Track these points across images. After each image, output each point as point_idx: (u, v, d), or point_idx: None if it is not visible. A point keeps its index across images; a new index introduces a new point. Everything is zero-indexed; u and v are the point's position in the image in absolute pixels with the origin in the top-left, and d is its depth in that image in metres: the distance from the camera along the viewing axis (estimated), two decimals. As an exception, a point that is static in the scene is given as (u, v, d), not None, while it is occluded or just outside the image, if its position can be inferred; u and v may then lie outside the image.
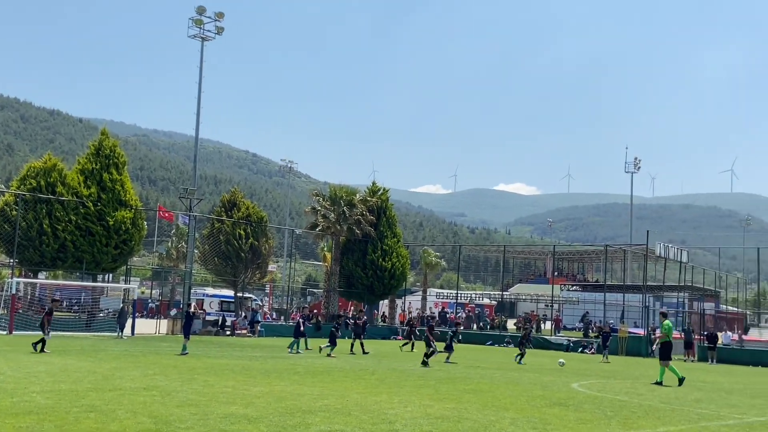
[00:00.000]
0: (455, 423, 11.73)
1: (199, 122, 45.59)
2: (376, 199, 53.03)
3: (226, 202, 47.50)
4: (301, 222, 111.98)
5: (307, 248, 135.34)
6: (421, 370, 22.58)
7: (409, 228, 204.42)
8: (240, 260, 45.29)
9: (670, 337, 21.87)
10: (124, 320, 34.58)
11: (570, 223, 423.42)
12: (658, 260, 57.51)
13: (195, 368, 19.43)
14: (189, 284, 42.82)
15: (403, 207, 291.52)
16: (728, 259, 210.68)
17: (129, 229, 39.89)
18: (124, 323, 34.48)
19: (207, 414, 11.37)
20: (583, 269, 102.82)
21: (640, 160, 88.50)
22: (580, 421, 12.82)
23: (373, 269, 51.32)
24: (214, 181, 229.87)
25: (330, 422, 11.12)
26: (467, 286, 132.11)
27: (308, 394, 14.71)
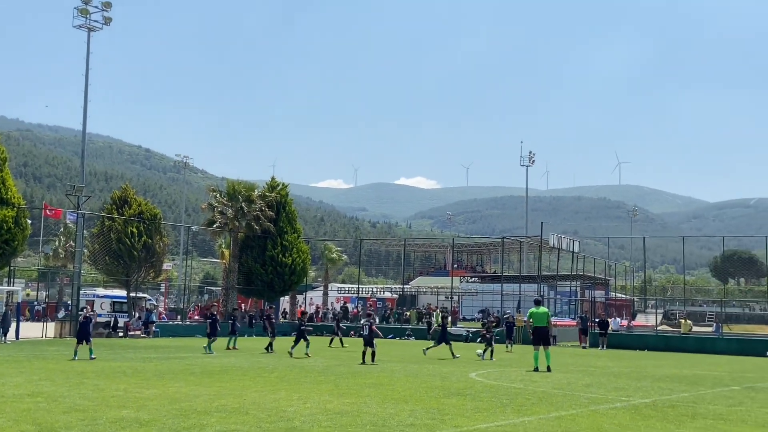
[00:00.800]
0: (354, 417, 11.71)
1: (87, 116, 43.92)
2: (275, 195, 52.41)
3: (117, 198, 45.81)
4: (197, 219, 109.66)
5: (204, 245, 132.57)
6: (321, 366, 22.48)
7: (310, 223, 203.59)
8: (132, 259, 43.80)
9: (538, 323, 22.34)
10: (8, 324, 32.88)
11: (469, 216, 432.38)
12: (552, 251, 59.52)
13: (84, 372, 18.65)
14: (78, 285, 41.13)
15: (303, 202, 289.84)
16: (617, 248, 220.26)
17: (11, 229, 37.86)
18: (8, 327, 32.79)
19: (96, 419, 10.91)
20: (481, 261, 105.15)
21: (534, 153, 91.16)
22: (477, 409, 13.05)
23: (273, 265, 50.73)
24: (104, 177, 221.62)
25: (226, 422, 10.88)
26: (369, 280, 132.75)
27: (204, 394, 14.36)
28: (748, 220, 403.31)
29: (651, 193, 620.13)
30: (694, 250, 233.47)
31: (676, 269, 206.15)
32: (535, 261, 77.59)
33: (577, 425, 11.53)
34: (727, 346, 40.55)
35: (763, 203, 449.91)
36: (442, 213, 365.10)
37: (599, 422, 11.95)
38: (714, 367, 28.33)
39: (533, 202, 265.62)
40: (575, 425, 11.53)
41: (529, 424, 11.48)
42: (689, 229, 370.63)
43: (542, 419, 12.12)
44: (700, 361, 31.76)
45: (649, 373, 23.78)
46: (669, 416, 12.99)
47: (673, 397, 16.41)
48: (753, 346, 40.25)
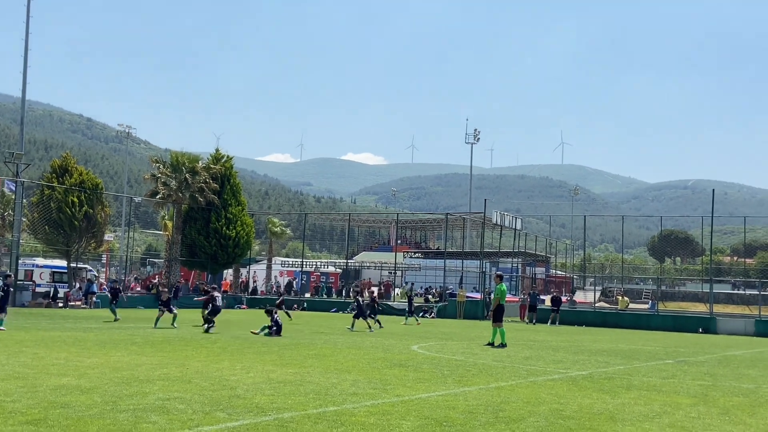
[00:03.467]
0: (297, 386, 11.83)
1: (26, 82, 42.59)
2: (219, 167, 51.84)
3: (57, 167, 44.74)
4: (140, 190, 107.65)
5: (147, 217, 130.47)
6: (264, 338, 22.52)
7: (254, 197, 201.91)
8: (73, 229, 42.94)
9: (503, 300, 22.58)
10: None
11: (413, 192, 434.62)
12: (495, 228, 60.35)
13: (23, 341, 18.34)
14: (16, 254, 40.17)
15: (248, 176, 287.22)
16: (558, 226, 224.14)
17: (-54, 196, 36.81)
18: None
19: (36, 386, 10.79)
20: (425, 237, 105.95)
21: (479, 131, 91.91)
22: (419, 380, 13.31)
23: (216, 238, 50.33)
24: (44, 146, 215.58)
25: (168, 390, 10.89)
26: (313, 254, 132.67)
27: (146, 363, 14.30)
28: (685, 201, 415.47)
29: (593, 173, 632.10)
30: (633, 229, 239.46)
31: (615, 248, 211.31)
32: (478, 238, 78.56)
33: (516, 395, 11.88)
34: (662, 322, 41.93)
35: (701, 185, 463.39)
36: (387, 189, 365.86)
37: (537, 392, 12.33)
38: (649, 342, 29.32)
39: (477, 180, 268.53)
40: (514, 395, 11.87)
41: (469, 394, 11.79)
42: (629, 209, 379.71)
43: (482, 389, 12.45)
44: (636, 337, 32.85)
45: (586, 347, 24.50)
46: (605, 387, 13.46)
47: (609, 369, 16.99)
48: (687, 322, 41.73)
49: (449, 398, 11.25)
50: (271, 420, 8.88)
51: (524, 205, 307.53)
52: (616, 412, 10.65)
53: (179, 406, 9.53)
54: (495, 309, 22.50)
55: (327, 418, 9.15)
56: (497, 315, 22.32)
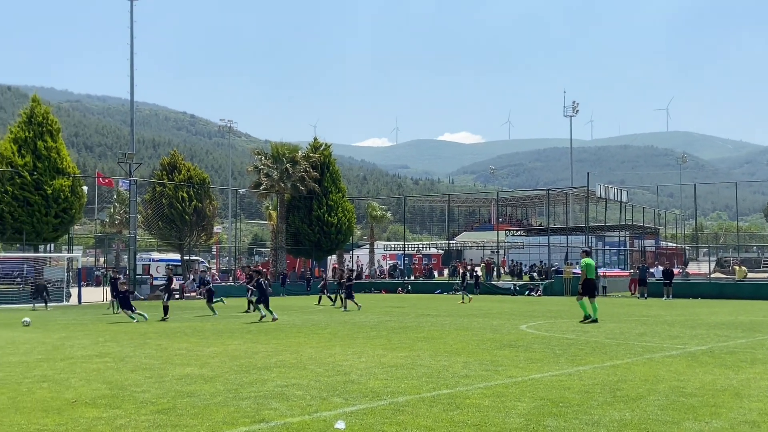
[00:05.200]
0: (409, 370, 11.96)
1: (134, 85, 44.46)
2: (318, 155, 52.73)
3: (167, 165, 46.68)
4: (243, 182, 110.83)
5: (251, 208, 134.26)
6: (373, 322, 22.83)
7: (353, 182, 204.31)
8: (184, 223, 44.76)
9: (591, 274, 22.54)
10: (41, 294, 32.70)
11: (512, 169, 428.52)
12: (599, 201, 58.91)
13: (147, 333, 19.30)
14: (134, 250, 42.19)
15: (345, 162, 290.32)
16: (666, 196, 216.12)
17: (68, 198, 38.97)
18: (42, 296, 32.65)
19: (162, 376, 11.35)
20: (527, 214, 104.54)
21: (578, 103, 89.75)
22: (530, 360, 13.20)
23: (319, 225, 51.30)
24: (152, 144, 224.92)
25: (286, 377, 11.22)
26: (413, 237, 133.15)
27: (262, 351, 14.78)
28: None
29: (701, 138, 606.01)
30: (747, 195, 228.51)
31: (728, 216, 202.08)
32: (581, 212, 76.86)
33: (633, 373, 11.60)
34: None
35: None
36: (485, 167, 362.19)
37: (655, 370, 12.00)
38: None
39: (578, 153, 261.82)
40: (631, 373, 11.60)
41: (584, 373, 11.60)
42: (741, 174, 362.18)
43: (597, 368, 12.22)
44: (756, 308, 31.35)
45: (704, 320, 23.62)
46: (727, 362, 12.96)
47: (730, 343, 16.33)
48: (811, 290, 39.43)
49: (563, 378, 11.11)
50: (387, 404, 9.02)
51: (629, 176, 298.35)
52: (741, 388, 10.25)
53: (297, 393, 9.81)
54: (583, 283, 22.42)
55: (441, 401, 9.22)
56: (588, 290, 22.28)
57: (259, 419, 8.17)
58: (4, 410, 8.77)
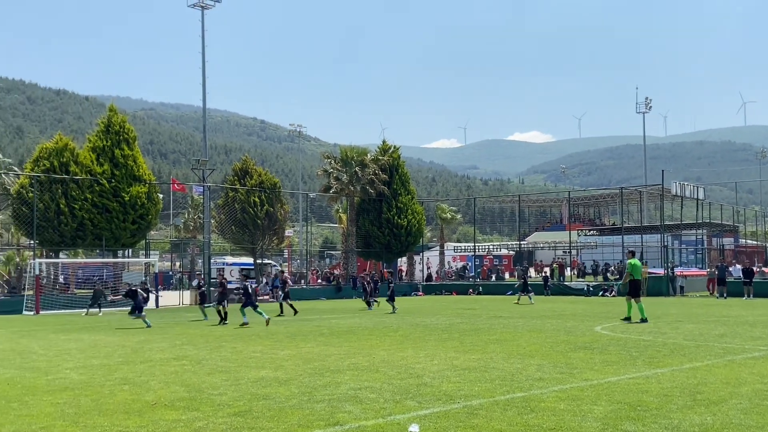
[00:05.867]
0: (482, 372, 11.87)
1: (206, 92, 45.49)
2: (387, 158, 52.93)
3: (239, 170, 47.60)
4: (313, 185, 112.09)
5: (321, 211, 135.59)
6: (444, 324, 22.75)
7: (422, 184, 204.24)
8: (257, 227, 45.55)
9: (637, 275, 22.56)
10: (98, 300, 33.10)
11: (583, 168, 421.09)
12: (675, 199, 57.33)
13: (222, 336, 19.70)
14: (208, 254, 43.12)
15: (414, 163, 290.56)
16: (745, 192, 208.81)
17: (145, 204, 40.14)
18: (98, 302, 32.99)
19: (238, 379, 11.56)
20: (599, 213, 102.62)
21: (651, 99, 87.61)
22: (606, 363, 12.93)
23: (389, 227, 51.47)
24: (224, 150, 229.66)
25: (359, 380, 11.28)
26: (484, 238, 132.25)
27: (335, 354, 14.90)
28: None
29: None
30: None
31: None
32: (656, 211, 74.97)
33: (713, 375, 11.25)
34: None
35: None
36: (556, 167, 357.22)
37: (737, 372, 11.60)
38: None
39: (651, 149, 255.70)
40: (712, 375, 11.24)
41: (662, 376, 11.30)
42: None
43: (675, 370, 11.89)
44: (843, 308, 29.98)
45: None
46: (812, 365, 12.44)
47: (815, 345, 15.66)
48: None
49: (641, 381, 10.84)
50: (460, 407, 8.98)
51: (705, 173, 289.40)
52: (830, 392, 9.81)
53: (370, 395, 9.85)
54: (629, 284, 22.59)
55: (516, 404, 9.12)
56: (634, 290, 22.39)
57: (333, 422, 8.24)
58: (88, 412, 9.07)
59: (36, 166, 38.70)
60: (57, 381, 11.77)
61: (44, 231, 37.83)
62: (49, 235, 38.05)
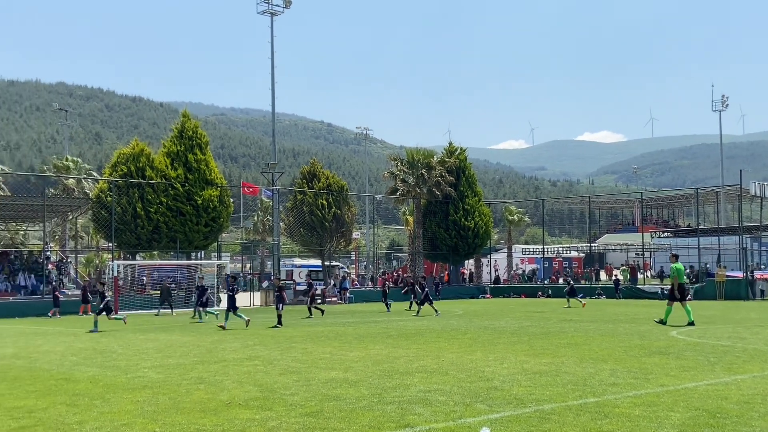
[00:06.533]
0: (553, 377, 11.72)
1: (275, 97, 46.21)
2: (454, 160, 52.77)
3: (307, 173, 48.17)
4: (380, 188, 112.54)
5: (388, 213, 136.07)
6: (514, 327, 22.55)
7: (489, 186, 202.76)
8: (324, 230, 46.00)
9: (682, 279, 22.56)
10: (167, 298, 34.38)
11: (656, 168, 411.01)
12: (754, 200, 55.41)
13: (292, 337, 19.98)
14: (277, 256, 43.78)
15: (481, 165, 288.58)
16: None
17: (217, 207, 41.01)
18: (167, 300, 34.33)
19: (309, 380, 11.71)
20: (673, 215, 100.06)
21: (727, 97, 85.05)
22: (683, 368, 12.60)
23: (456, 230, 51.29)
24: (292, 153, 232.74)
25: (428, 382, 11.28)
26: (552, 240, 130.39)
27: (404, 356, 14.93)
28: None
29: None
30: None
31: None
32: (734, 212, 72.64)
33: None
34: None
35: None
36: (627, 167, 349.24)
37: (822, 380, 11.15)
38: None
39: (729, 149, 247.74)
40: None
41: (742, 383, 10.95)
42: None
43: (756, 377, 11.50)
44: None
45: None
46: None
47: None
48: None
49: (719, 387, 10.53)
50: (532, 411, 8.89)
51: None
52: None
53: (440, 398, 9.84)
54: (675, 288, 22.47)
55: (589, 409, 8.98)
56: (679, 293, 22.36)
57: (404, 424, 8.27)
58: (166, 410, 9.33)
59: (114, 171, 39.97)
60: (136, 379, 12.14)
61: (122, 234, 39.05)
62: (127, 238, 39.25)
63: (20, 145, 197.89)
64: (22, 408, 9.62)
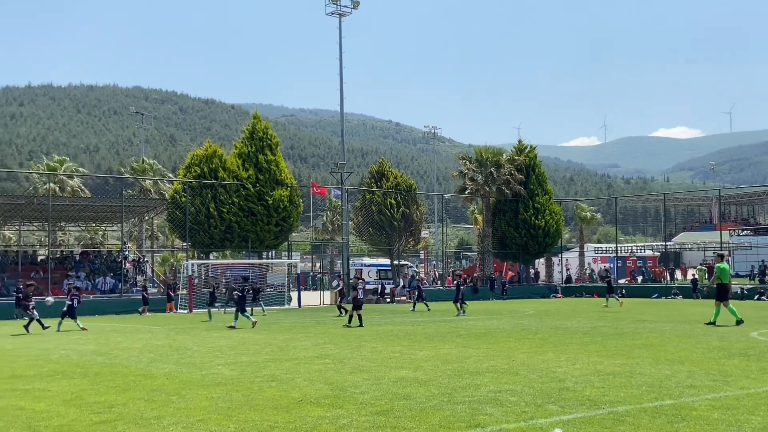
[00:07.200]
0: (628, 378, 11.47)
1: (343, 97, 46.56)
2: (523, 158, 52.20)
3: (375, 172, 48.39)
4: (448, 186, 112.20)
5: (456, 212, 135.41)
6: (586, 327, 22.17)
7: (559, 184, 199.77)
8: (393, 229, 46.13)
9: (726, 279, 22.02)
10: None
11: (735, 164, 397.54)
12: (840, 196, 53.05)
13: (362, 336, 20.10)
14: (347, 255, 44.12)
15: (551, 163, 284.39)
16: None
17: (287, 207, 41.60)
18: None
19: (379, 379, 11.76)
20: (753, 212, 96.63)
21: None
22: (764, 370, 12.17)
23: (526, 228, 50.72)
24: (360, 153, 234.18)
25: (498, 382, 11.19)
26: (626, 238, 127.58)
27: (474, 356, 14.85)
28: None
29: None
30: None
31: None
32: (818, 208, 69.54)
33: None
34: None
35: None
36: (704, 163, 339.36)
37: None
38: None
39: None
40: None
41: (828, 387, 10.50)
42: None
43: (844, 381, 11.02)
44: None
45: None
46: None
47: None
48: None
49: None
50: (605, 413, 8.72)
51: None
52: None
53: (511, 399, 9.75)
54: (717, 288, 22.07)
55: (665, 412, 8.75)
56: (721, 294, 21.92)
57: (474, 424, 8.22)
58: (240, 407, 9.52)
59: (188, 173, 40.98)
60: (210, 376, 12.42)
61: (196, 233, 40.01)
62: (200, 238, 40.19)
63: (99, 147, 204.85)
64: (103, 403, 9.95)
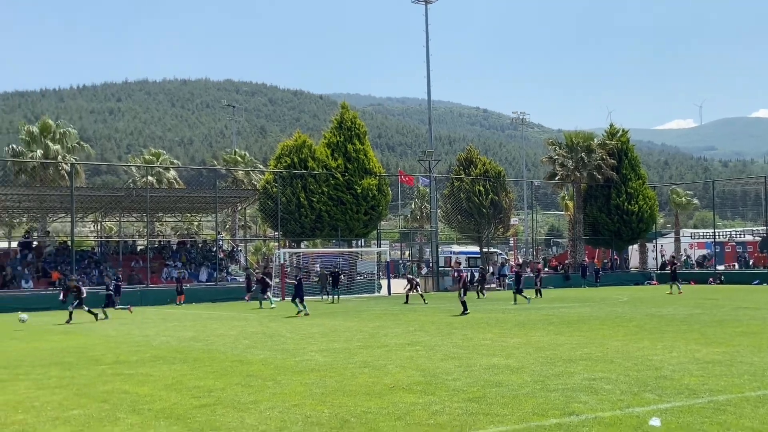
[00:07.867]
0: (728, 367, 11.12)
1: (430, 85, 46.50)
2: (615, 142, 50.91)
3: (463, 160, 48.15)
4: (537, 173, 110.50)
5: (546, 199, 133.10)
6: (683, 315, 21.53)
7: (653, 168, 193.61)
8: (482, 216, 45.84)
9: None
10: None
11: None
12: None
13: (452, 323, 20.14)
14: (435, 243, 44.15)
15: (644, 146, 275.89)
16: None
17: (375, 196, 41.93)
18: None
19: (470, 366, 11.78)
20: None
21: None
22: None
23: (618, 214, 49.53)
24: (448, 140, 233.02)
25: (593, 370, 11.04)
26: (724, 223, 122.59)
27: (566, 343, 14.67)
28: None
29: None
30: None
31: None
32: None
33: None
34: None
35: None
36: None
37: None
38: None
39: None
40: None
41: None
42: None
43: None
44: None
45: None
46: None
47: None
48: None
49: None
50: (705, 402, 8.50)
51: None
52: None
53: (606, 387, 9.61)
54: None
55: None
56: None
57: (568, 412, 8.15)
58: (334, 392, 9.73)
59: (278, 163, 41.81)
60: (304, 362, 12.72)
61: (287, 223, 40.84)
62: (291, 227, 41.00)
63: (193, 140, 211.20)
64: (202, 387, 10.35)
